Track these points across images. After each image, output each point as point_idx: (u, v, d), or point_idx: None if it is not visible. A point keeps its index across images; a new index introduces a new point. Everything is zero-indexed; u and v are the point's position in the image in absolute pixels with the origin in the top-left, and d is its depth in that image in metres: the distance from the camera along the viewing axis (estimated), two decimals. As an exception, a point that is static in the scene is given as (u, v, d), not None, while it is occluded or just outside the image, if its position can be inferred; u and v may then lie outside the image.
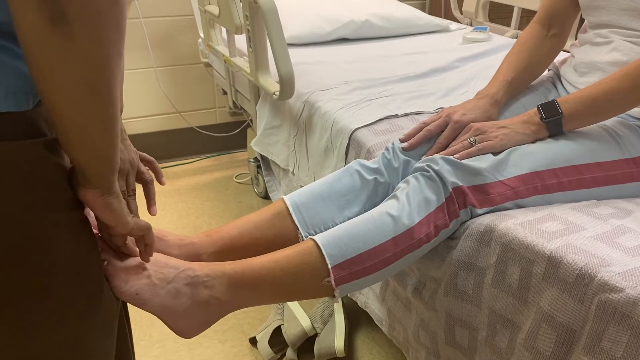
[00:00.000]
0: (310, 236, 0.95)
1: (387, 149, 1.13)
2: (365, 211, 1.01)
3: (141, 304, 0.79)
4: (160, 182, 0.94)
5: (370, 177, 1.08)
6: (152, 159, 0.91)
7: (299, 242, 1.01)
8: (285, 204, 1.05)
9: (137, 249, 0.77)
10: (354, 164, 1.11)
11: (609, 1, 1.12)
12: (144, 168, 0.87)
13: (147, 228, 0.72)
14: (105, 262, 0.74)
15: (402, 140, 1.13)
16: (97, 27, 0.50)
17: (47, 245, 0.57)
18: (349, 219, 1.03)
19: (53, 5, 0.47)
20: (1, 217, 0.53)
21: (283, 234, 1.04)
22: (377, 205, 1.01)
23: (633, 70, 0.98)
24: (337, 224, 1.03)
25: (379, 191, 1.09)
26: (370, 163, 1.11)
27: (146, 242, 0.74)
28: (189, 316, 0.84)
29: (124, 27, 0.53)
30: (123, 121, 0.73)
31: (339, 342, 1.42)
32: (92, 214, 0.75)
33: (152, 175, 0.90)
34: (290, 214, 1.04)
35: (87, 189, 0.61)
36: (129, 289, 0.76)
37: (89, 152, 0.58)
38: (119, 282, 0.75)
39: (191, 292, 0.83)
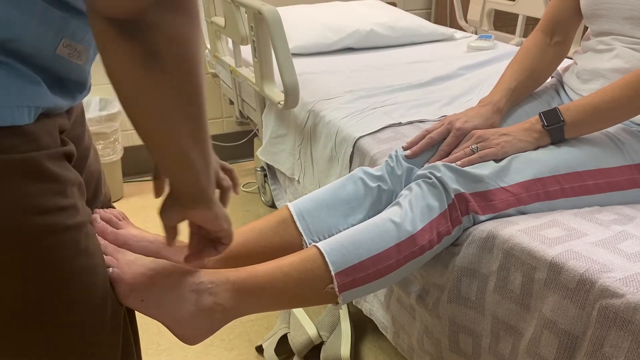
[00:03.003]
0: (314, 243, 0.96)
1: (390, 156, 1.14)
2: (369, 218, 1.02)
3: (146, 311, 0.80)
4: (235, 192, 0.94)
5: (373, 185, 1.09)
6: (232, 167, 0.91)
7: (303, 249, 1.02)
8: (290, 212, 1.06)
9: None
10: (357, 172, 1.11)
11: (611, 10, 1.12)
12: (223, 175, 0.88)
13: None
14: (110, 269, 0.75)
15: (405, 148, 1.14)
16: (186, 54, 0.50)
17: (48, 252, 0.58)
18: (352, 226, 1.03)
19: (143, 44, 0.47)
20: None
21: (287, 241, 1.05)
22: (381, 212, 1.02)
23: (635, 79, 0.99)
24: (340, 231, 1.04)
25: (382, 198, 1.09)
26: (373, 171, 1.12)
27: (225, 242, 0.77)
28: (193, 323, 0.84)
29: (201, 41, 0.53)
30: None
31: (345, 350, 1.42)
32: (98, 220, 0.76)
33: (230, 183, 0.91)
34: (294, 222, 1.05)
35: (197, 210, 0.64)
36: (133, 296, 0.77)
37: (192, 174, 0.59)
38: (124, 289, 0.75)
39: (195, 298, 0.84)
